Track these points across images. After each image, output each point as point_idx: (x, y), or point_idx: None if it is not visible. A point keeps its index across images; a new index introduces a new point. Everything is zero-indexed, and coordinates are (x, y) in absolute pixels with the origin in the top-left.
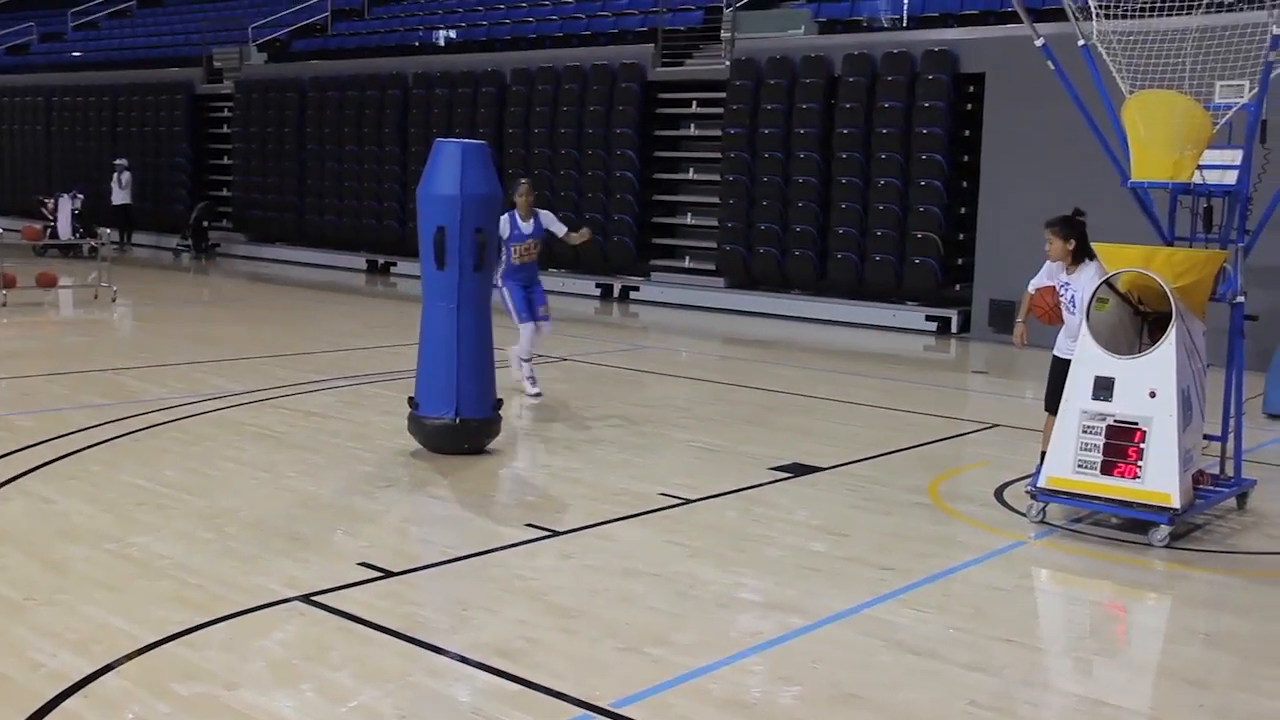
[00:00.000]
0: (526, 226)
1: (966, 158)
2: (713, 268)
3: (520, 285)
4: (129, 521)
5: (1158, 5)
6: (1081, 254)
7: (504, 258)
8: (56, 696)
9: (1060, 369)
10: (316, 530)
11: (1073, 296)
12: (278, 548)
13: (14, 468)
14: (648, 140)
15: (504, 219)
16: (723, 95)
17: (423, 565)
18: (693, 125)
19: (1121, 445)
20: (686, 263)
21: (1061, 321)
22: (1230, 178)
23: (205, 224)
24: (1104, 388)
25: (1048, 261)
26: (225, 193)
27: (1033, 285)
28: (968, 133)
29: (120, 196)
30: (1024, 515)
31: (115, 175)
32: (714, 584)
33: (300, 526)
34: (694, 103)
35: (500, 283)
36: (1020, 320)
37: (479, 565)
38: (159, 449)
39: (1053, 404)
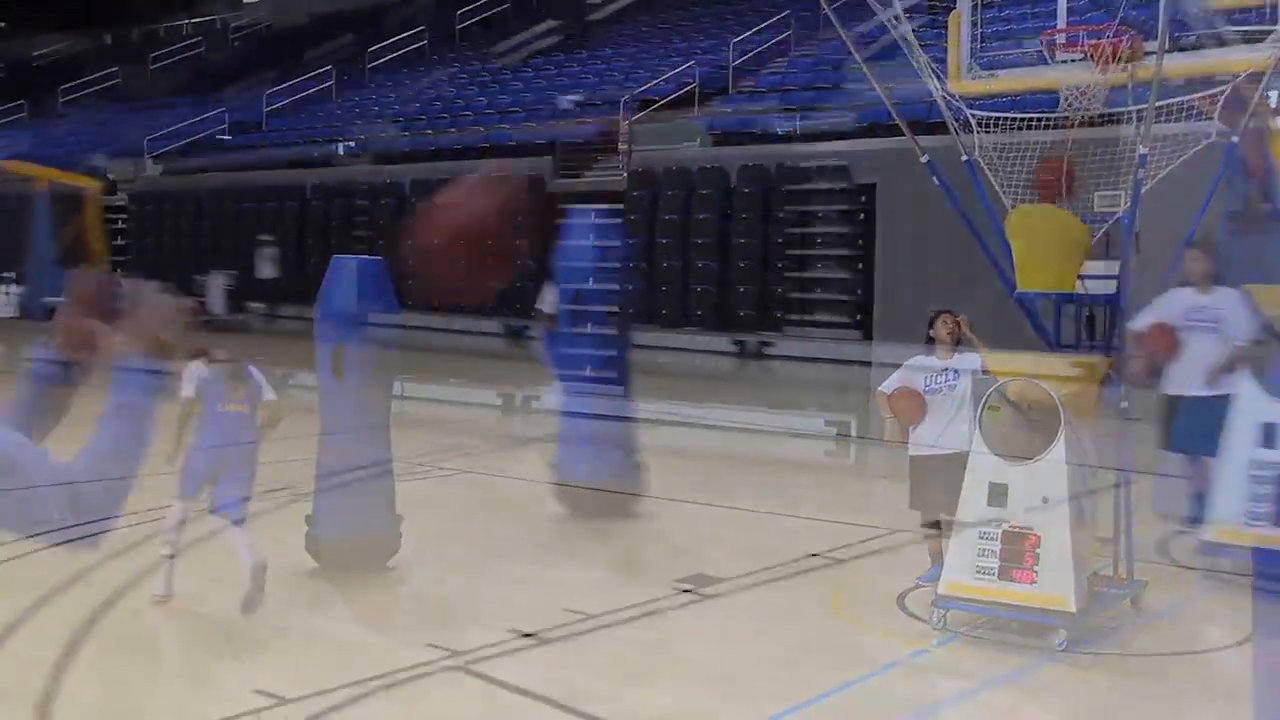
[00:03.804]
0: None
1: (860, 266)
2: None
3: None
4: None
5: (1036, 120)
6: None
7: None
8: None
9: (920, 466)
10: None
11: (954, 379)
12: None
13: None
14: (548, 252)
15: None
16: (620, 206)
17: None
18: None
19: (1017, 550)
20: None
21: (921, 419)
22: (1109, 287)
23: None
24: (999, 494)
25: (906, 363)
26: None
27: (886, 386)
28: (861, 242)
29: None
30: (926, 622)
31: None
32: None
33: None
34: (593, 214)
35: None
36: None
37: None
38: None
39: (920, 503)
